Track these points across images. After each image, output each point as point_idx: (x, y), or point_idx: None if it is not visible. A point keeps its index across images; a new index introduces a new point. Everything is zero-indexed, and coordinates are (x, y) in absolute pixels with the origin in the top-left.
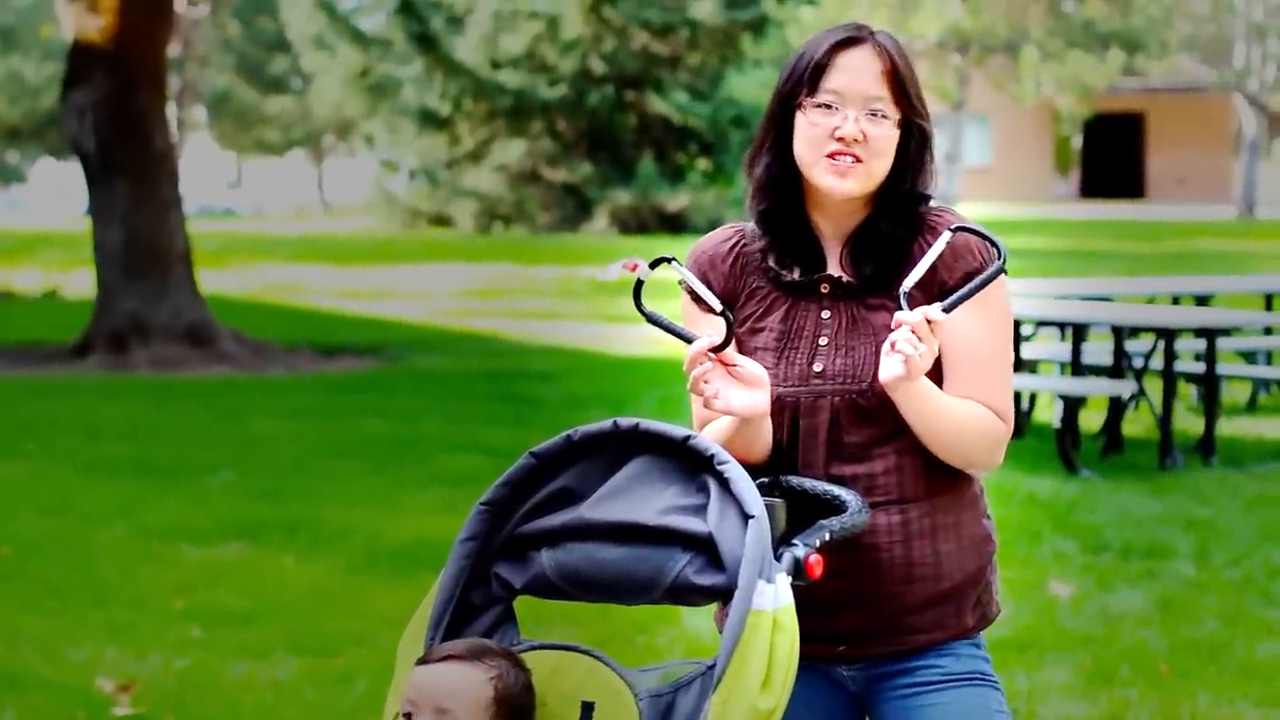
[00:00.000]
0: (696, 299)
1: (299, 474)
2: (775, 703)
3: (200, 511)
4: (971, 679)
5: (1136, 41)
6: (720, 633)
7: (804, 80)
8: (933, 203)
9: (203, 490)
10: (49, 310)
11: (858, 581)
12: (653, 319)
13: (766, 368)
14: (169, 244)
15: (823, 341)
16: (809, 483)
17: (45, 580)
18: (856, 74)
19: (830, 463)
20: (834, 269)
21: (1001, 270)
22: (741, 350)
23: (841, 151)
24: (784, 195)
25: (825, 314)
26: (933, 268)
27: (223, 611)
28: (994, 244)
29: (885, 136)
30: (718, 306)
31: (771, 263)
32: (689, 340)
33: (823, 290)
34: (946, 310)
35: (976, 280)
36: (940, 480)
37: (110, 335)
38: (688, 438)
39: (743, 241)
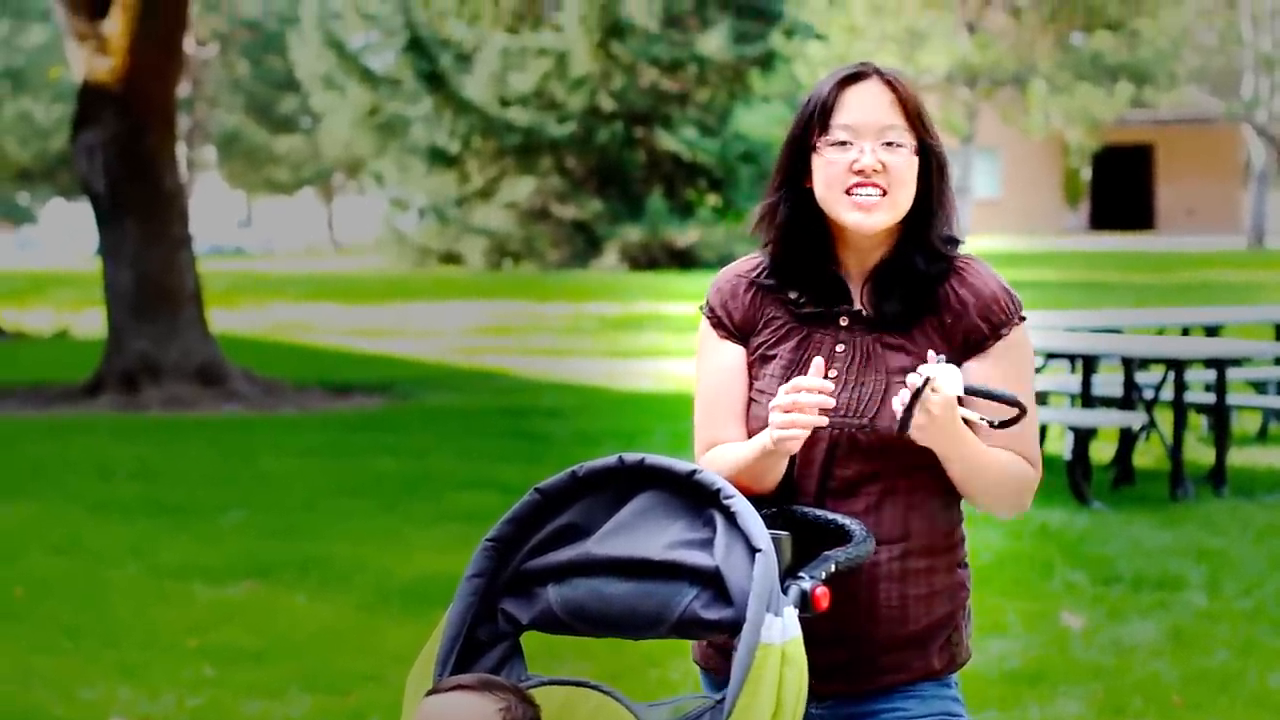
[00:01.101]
0: (717, 324)
1: (310, 512)
2: None
3: (212, 550)
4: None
5: (1144, 74)
6: (699, 667)
7: (814, 121)
8: (964, 253)
9: (214, 529)
10: (60, 350)
11: (825, 619)
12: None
13: (769, 394)
14: (179, 283)
15: (832, 374)
16: (814, 512)
17: (58, 620)
18: (867, 106)
19: (820, 495)
20: (857, 303)
21: (1016, 405)
22: (753, 379)
23: (862, 184)
24: (802, 240)
25: (840, 347)
26: (958, 315)
27: (235, 650)
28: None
29: (904, 164)
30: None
31: (790, 295)
32: (1008, 400)
33: (841, 323)
34: (965, 394)
35: (996, 392)
36: (918, 525)
37: (121, 375)
38: (693, 472)
39: (764, 273)
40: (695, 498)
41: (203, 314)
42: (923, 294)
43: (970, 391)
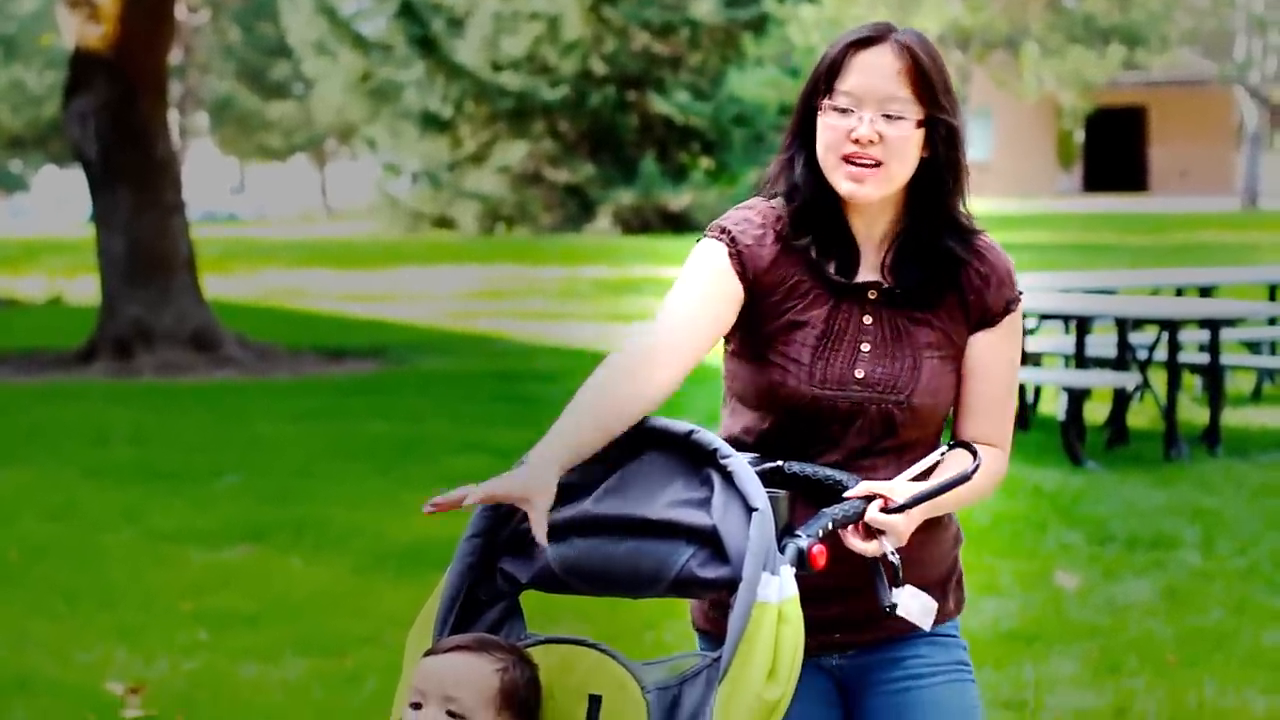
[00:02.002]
0: (735, 257)
1: (305, 476)
2: (781, 693)
3: (207, 515)
4: (957, 671)
5: (1137, 36)
6: (697, 630)
7: (821, 81)
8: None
9: (209, 493)
10: (53, 317)
11: (850, 571)
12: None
13: (800, 363)
14: (172, 250)
15: (865, 348)
16: (810, 468)
17: (53, 584)
18: (872, 74)
19: (846, 464)
20: (868, 269)
21: (971, 474)
22: (775, 343)
23: (858, 155)
24: (814, 197)
25: (867, 319)
26: (979, 292)
27: (231, 613)
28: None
29: (902, 138)
30: None
31: (816, 256)
32: None
33: (870, 296)
34: (902, 509)
35: (941, 484)
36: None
37: (115, 341)
38: (691, 432)
39: (782, 227)
40: (693, 457)
41: (196, 280)
42: (949, 271)
43: (917, 501)
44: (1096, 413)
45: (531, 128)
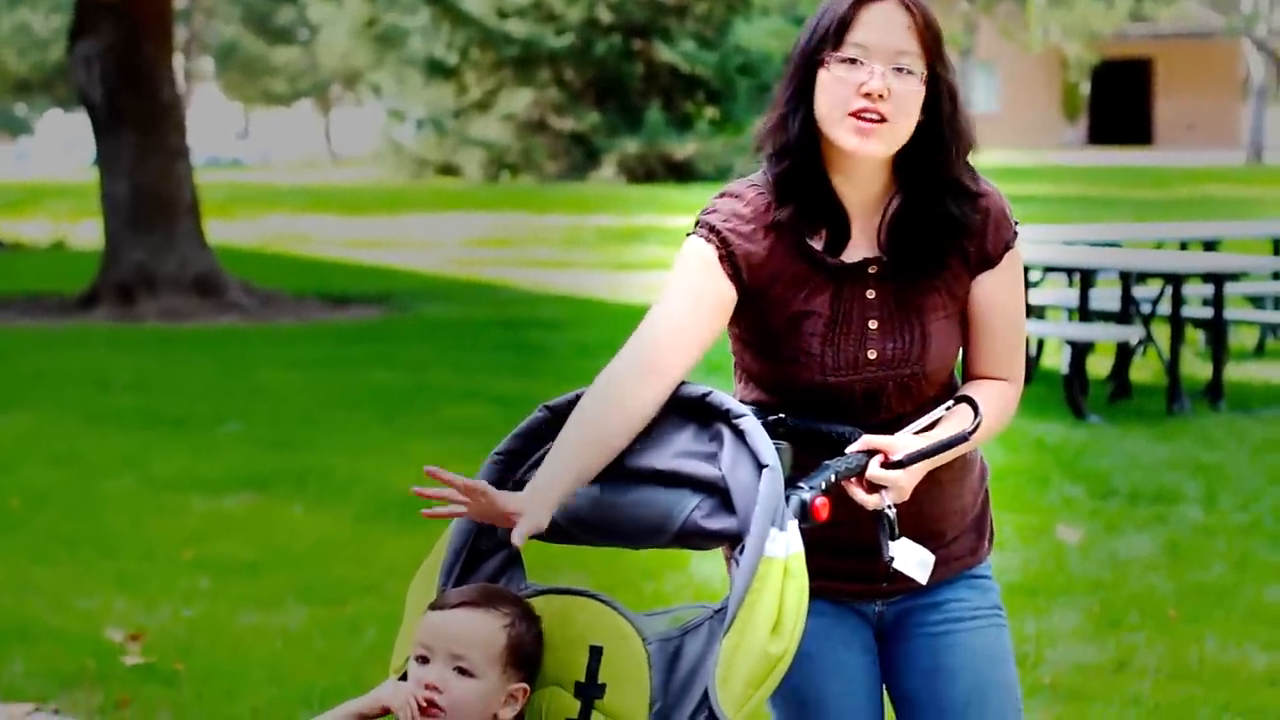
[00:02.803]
0: (724, 258)
1: (307, 424)
2: (785, 647)
3: (209, 462)
4: (993, 616)
5: None
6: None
7: (829, 35)
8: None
9: (211, 441)
10: (56, 261)
11: (903, 521)
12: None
13: (812, 353)
14: (176, 194)
15: (872, 325)
16: (809, 421)
17: (54, 531)
18: (883, 27)
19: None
20: (860, 238)
21: (970, 434)
22: (784, 336)
23: (867, 109)
24: (804, 159)
25: (870, 294)
26: (979, 239)
27: (232, 561)
28: None
29: (912, 93)
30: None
31: (812, 242)
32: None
33: (870, 271)
34: (905, 464)
35: (939, 443)
36: None
37: (118, 286)
38: (707, 394)
39: (772, 213)
40: (703, 415)
41: (200, 225)
42: (953, 236)
43: (915, 459)
44: (1099, 366)
45: (537, 75)
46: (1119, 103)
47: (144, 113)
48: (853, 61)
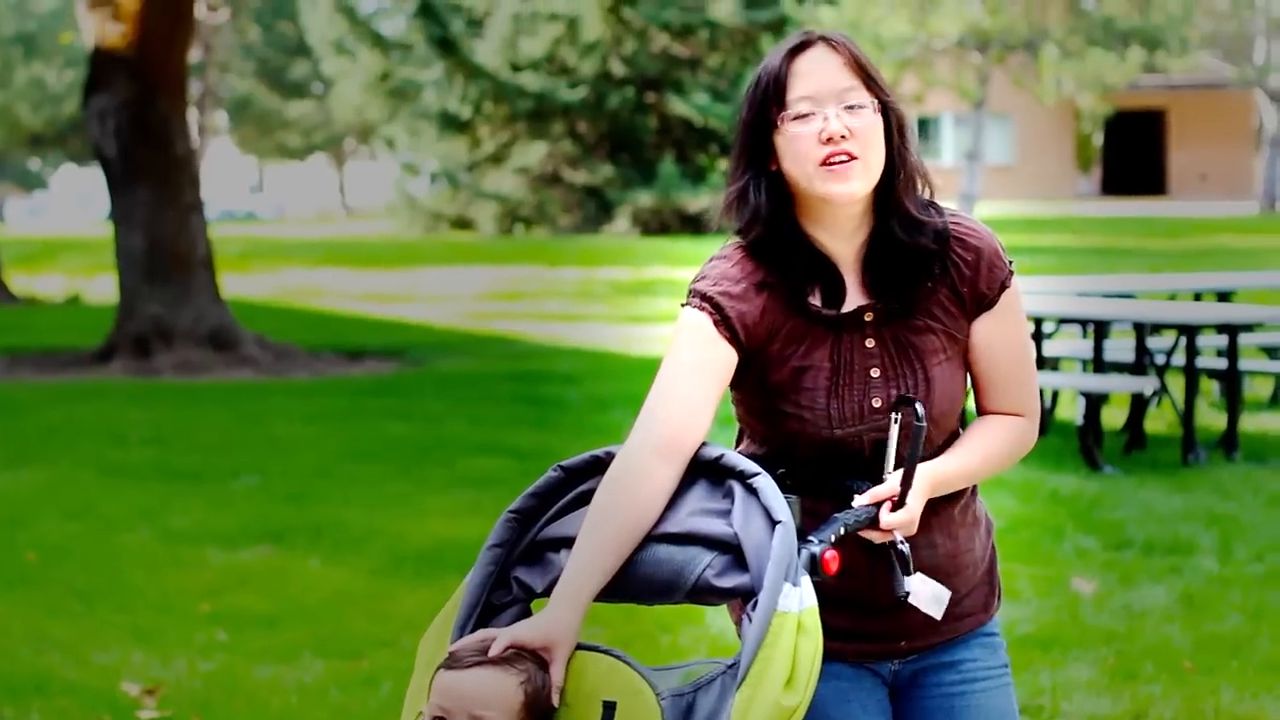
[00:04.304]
0: (720, 324)
1: (323, 477)
2: (799, 700)
3: (225, 515)
4: (1003, 675)
5: (1157, 39)
6: (739, 630)
7: (770, 98)
8: (949, 211)
9: (227, 494)
10: (72, 316)
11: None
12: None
13: (816, 409)
14: (191, 248)
15: (874, 374)
16: (817, 474)
17: (70, 584)
18: (820, 72)
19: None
20: (854, 290)
21: (920, 426)
22: (786, 393)
23: (834, 154)
24: (777, 223)
25: (869, 342)
26: (971, 280)
27: (248, 615)
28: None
29: (870, 125)
30: None
31: (807, 298)
32: None
33: (866, 319)
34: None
35: (913, 450)
36: None
37: (133, 340)
38: (719, 456)
39: (761, 272)
40: (714, 472)
41: (214, 279)
42: (922, 266)
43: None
44: (1114, 417)
45: (550, 128)
46: (1132, 153)
47: (158, 167)
48: (804, 116)
